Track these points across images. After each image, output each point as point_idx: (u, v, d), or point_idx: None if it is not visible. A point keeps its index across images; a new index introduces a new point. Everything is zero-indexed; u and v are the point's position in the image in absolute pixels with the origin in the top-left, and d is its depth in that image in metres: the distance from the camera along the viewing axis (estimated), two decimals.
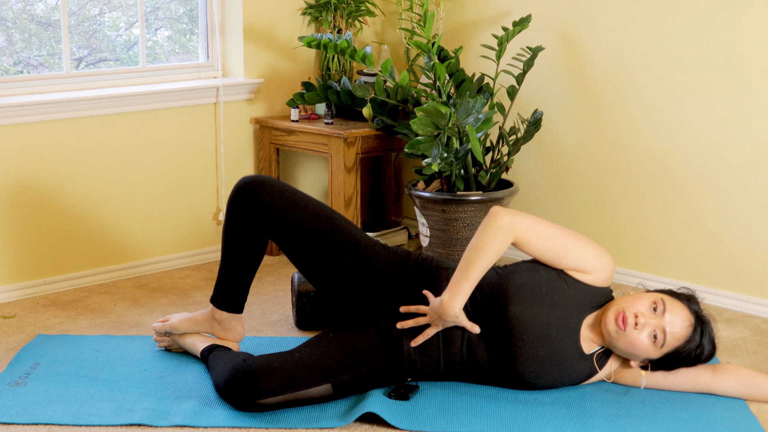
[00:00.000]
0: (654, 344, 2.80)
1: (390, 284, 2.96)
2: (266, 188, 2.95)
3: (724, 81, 3.66)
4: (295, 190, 3.00)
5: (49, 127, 3.82)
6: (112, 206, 4.03)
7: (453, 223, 3.89)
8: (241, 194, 2.97)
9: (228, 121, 4.30)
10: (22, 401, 2.86)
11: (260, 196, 2.94)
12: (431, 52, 3.92)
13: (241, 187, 2.98)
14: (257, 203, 2.94)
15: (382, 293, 2.95)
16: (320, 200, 4.64)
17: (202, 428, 2.72)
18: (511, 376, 2.90)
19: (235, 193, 2.99)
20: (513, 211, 2.84)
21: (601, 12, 3.96)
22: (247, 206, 2.95)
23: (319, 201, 3.02)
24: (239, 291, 3.09)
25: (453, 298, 2.80)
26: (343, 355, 2.84)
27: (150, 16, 4.29)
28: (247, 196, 2.95)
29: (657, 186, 3.89)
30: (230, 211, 3.00)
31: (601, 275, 2.90)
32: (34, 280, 3.86)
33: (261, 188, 2.95)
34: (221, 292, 3.09)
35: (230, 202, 3.00)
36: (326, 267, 2.98)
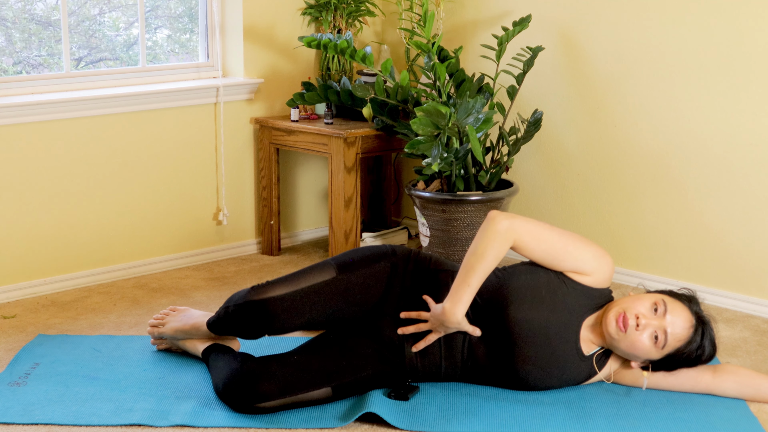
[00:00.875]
0: (655, 345, 2.79)
1: (391, 292, 2.95)
2: (278, 305, 2.85)
3: (724, 81, 3.66)
4: (300, 287, 2.89)
5: (49, 127, 3.82)
6: (112, 206, 4.02)
7: (453, 223, 3.89)
8: (252, 313, 2.85)
9: (228, 121, 4.30)
10: (22, 401, 2.86)
11: (272, 313, 2.84)
12: (431, 52, 3.92)
13: (249, 305, 2.86)
14: (269, 321, 2.85)
15: (383, 301, 2.94)
16: (320, 200, 4.64)
17: (202, 428, 2.72)
18: (511, 377, 2.90)
19: (244, 310, 2.87)
20: (511, 214, 2.84)
21: (601, 12, 3.96)
22: (258, 323, 2.86)
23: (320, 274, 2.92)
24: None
25: (455, 305, 2.80)
26: (343, 359, 2.84)
27: (150, 16, 4.29)
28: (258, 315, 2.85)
29: (657, 186, 3.89)
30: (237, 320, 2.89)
31: (601, 276, 2.90)
32: (34, 280, 3.86)
33: (272, 306, 2.85)
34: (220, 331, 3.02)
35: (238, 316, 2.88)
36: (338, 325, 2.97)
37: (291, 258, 4.36)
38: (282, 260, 4.33)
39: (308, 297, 2.87)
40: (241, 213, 4.41)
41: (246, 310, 2.86)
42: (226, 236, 4.37)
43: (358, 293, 2.91)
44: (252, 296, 2.86)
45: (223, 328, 2.97)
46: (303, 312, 2.86)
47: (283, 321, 2.85)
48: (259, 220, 4.47)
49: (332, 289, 2.90)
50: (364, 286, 2.92)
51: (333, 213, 4.09)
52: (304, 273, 2.92)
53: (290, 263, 4.28)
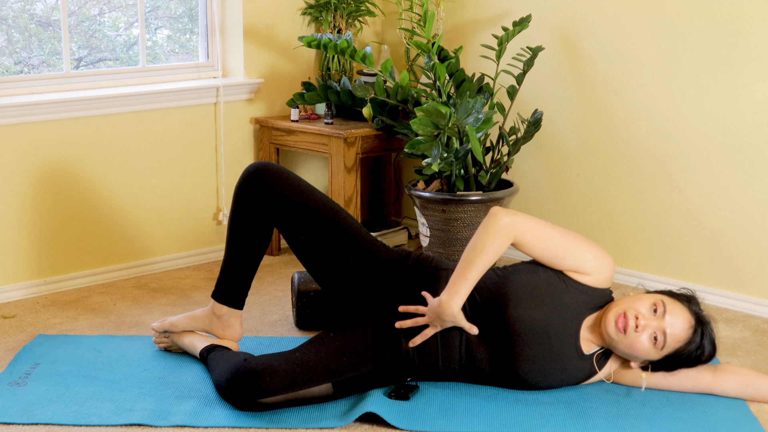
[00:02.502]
0: (654, 346, 2.79)
1: (389, 284, 2.96)
2: (274, 174, 2.99)
3: (724, 80, 3.66)
4: (302, 179, 3.04)
5: (49, 127, 3.82)
6: (112, 206, 4.02)
7: (453, 223, 3.89)
8: (251, 179, 3.00)
9: (228, 121, 4.30)
10: (22, 401, 2.86)
11: (268, 181, 2.98)
12: (431, 52, 3.92)
13: (250, 172, 3.02)
14: (265, 187, 2.98)
15: (381, 292, 2.95)
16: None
17: (202, 428, 2.72)
18: (510, 376, 2.90)
19: (244, 177, 3.02)
20: (512, 211, 2.84)
21: (601, 12, 3.96)
22: (255, 191, 2.99)
23: (324, 194, 3.06)
24: (241, 285, 3.09)
25: (451, 297, 2.80)
26: (343, 355, 2.85)
27: (150, 16, 4.29)
28: (255, 180, 2.99)
29: (657, 186, 3.89)
30: (238, 195, 3.03)
31: (601, 276, 2.90)
32: (34, 280, 3.86)
33: (269, 174, 2.99)
34: (223, 285, 3.11)
35: (239, 187, 3.03)
36: (327, 258, 2.99)
37: (291, 258, 4.36)
38: (282, 260, 4.33)
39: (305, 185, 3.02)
40: None
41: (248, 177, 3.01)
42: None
43: (346, 225, 2.99)
44: (253, 164, 3.04)
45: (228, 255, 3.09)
46: (295, 190, 2.99)
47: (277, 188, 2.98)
48: None
49: (327, 201, 3.01)
50: (354, 229, 3.00)
51: None
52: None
53: (290, 263, 4.28)
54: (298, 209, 2.97)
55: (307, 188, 3.02)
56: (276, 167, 3.02)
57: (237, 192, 3.04)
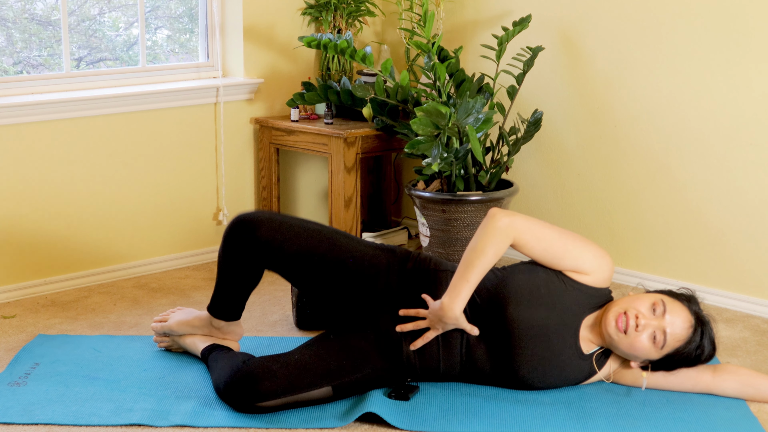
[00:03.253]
0: (654, 345, 2.80)
1: (390, 287, 2.95)
2: (263, 225, 2.89)
3: (724, 80, 3.66)
4: (291, 220, 2.95)
5: (49, 127, 3.82)
6: (112, 206, 4.02)
7: (453, 223, 3.89)
8: (237, 232, 2.90)
9: (228, 121, 4.30)
10: (22, 401, 2.86)
11: (258, 234, 2.88)
12: (431, 52, 3.92)
13: (237, 224, 2.92)
14: (254, 241, 2.88)
15: (381, 296, 2.95)
16: (320, 200, 4.64)
17: (202, 428, 2.72)
18: (510, 377, 2.90)
19: (231, 230, 2.92)
20: (511, 212, 2.84)
21: (601, 12, 3.96)
22: (244, 244, 2.90)
23: (314, 224, 2.98)
24: (236, 304, 3.07)
25: (453, 300, 2.80)
26: (343, 358, 2.84)
27: (149, 16, 4.29)
28: (243, 234, 2.89)
29: (657, 186, 3.89)
30: (226, 246, 2.94)
31: (600, 276, 2.90)
32: (34, 280, 3.86)
33: (258, 226, 2.88)
34: (218, 304, 3.07)
35: (226, 239, 2.94)
36: (327, 289, 2.96)
37: None
38: None
39: (297, 229, 2.91)
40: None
41: (235, 230, 2.90)
42: None
43: (345, 255, 2.92)
44: (240, 216, 2.93)
45: (220, 287, 3.00)
46: (289, 239, 2.88)
47: (270, 241, 2.87)
48: None
49: (322, 237, 2.93)
50: (355, 252, 2.94)
51: (333, 213, 4.09)
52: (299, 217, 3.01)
53: None
54: (291, 256, 2.90)
55: (298, 230, 2.91)
56: (264, 217, 2.91)
57: (225, 243, 2.95)
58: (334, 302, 2.97)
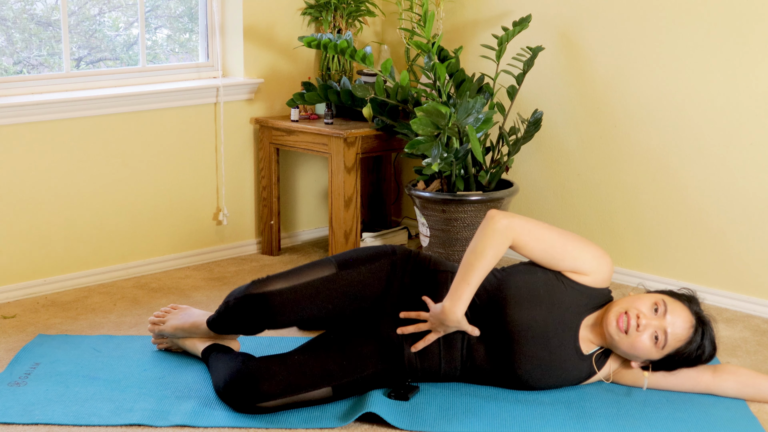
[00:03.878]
0: (655, 345, 2.79)
1: (391, 290, 2.95)
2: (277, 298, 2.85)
3: (724, 80, 3.66)
4: (299, 282, 2.90)
5: (49, 127, 3.82)
6: (112, 206, 4.02)
7: (453, 223, 3.89)
8: (252, 307, 2.86)
9: (228, 121, 4.30)
10: (22, 401, 2.86)
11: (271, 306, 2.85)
12: (431, 52, 3.92)
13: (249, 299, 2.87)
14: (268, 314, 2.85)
15: (382, 300, 2.94)
16: (320, 200, 4.64)
17: (202, 428, 2.72)
18: (510, 377, 2.90)
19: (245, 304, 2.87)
20: (510, 213, 2.84)
21: (601, 12, 3.96)
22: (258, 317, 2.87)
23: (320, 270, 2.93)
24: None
25: (455, 303, 2.80)
26: (343, 359, 2.84)
27: (150, 16, 4.29)
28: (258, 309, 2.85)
29: (657, 186, 3.89)
30: (238, 315, 2.90)
31: (600, 276, 2.90)
32: (34, 280, 3.86)
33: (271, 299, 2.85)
34: (220, 329, 3.03)
35: (239, 310, 2.89)
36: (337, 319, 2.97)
37: (291, 258, 4.36)
38: (282, 260, 4.33)
39: (308, 292, 2.87)
40: (241, 213, 4.41)
41: (246, 303, 2.87)
42: (226, 236, 4.37)
43: (357, 290, 2.91)
44: (252, 290, 2.87)
45: (223, 325, 2.98)
46: (302, 306, 2.87)
47: (283, 315, 2.86)
48: (259, 220, 4.47)
49: (332, 285, 2.90)
50: (363, 284, 2.92)
51: (333, 213, 4.09)
52: (305, 269, 2.93)
53: (290, 263, 4.28)
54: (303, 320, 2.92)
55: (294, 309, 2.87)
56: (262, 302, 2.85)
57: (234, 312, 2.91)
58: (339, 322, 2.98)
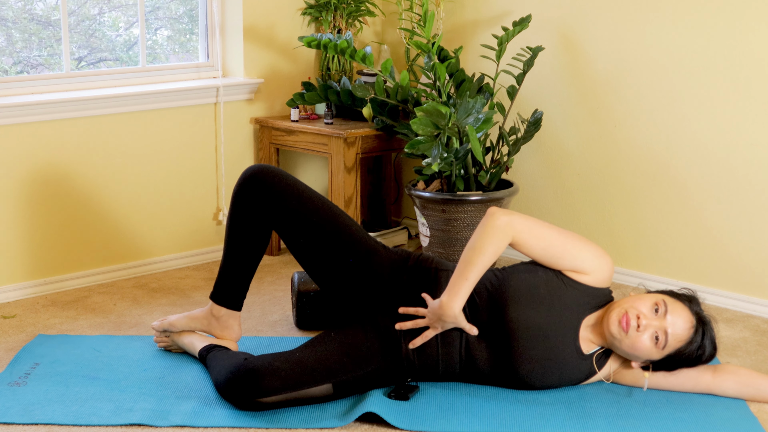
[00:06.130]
0: (656, 346, 2.79)
1: (389, 285, 2.96)
2: (273, 177, 2.99)
3: (724, 81, 3.66)
4: (301, 182, 3.04)
5: (49, 127, 3.82)
6: (112, 206, 4.03)
7: (453, 223, 3.89)
8: (249, 181, 3.00)
9: (228, 121, 4.30)
10: (22, 401, 2.86)
11: (267, 183, 2.98)
12: (431, 52, 3.92)
13: (249, 175, 3.02)
14: (264, 190, 2.98)
15: (381, 293, 2.95)
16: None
17: (202, 428, 2.72)
18: (510, 376, 2.90)
19: (243, 180, 3.02)
20: (510, 211, 2.84)
21: (601, 12, 3.96)
22: (254, 193, 2.99)
23: (324, 197, 3.06)
24: (239, 287, 3.09)
25: (452, 298, 2.80)
26: (344, 356, 2.84)
27: (150, 16, 4.29)
28: (254, 182, 2.99)
29: (657, 186, 3.89)
30: (237, 198, 3.03)
31: (600, 276, 2.90)
32: (34, 280, 3.86)
33: (268, 177, 2.99)
34: (221, 287, 3.11)
35: (237, 189, 3.03)
36: (327, 261, 2.99)
37: (291, 258, 4.36)
38: (282, 260, 4.33)
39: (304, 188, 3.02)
40: None
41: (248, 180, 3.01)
42: None
43: (345, 227, 2.99)
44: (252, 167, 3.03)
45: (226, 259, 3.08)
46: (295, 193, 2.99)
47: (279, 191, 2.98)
48: None
49: (326, 204, 3.01)
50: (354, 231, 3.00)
51: None
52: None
53: (290, 263, 4.28)
54: (296, 211, 2.97)
55: (306, 191, 3.02)
56: (274, 170, 3.02)
57: (235, 193, 3.04)
58: (333, 283, 2.98)
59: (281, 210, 2.97)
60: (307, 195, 3.01)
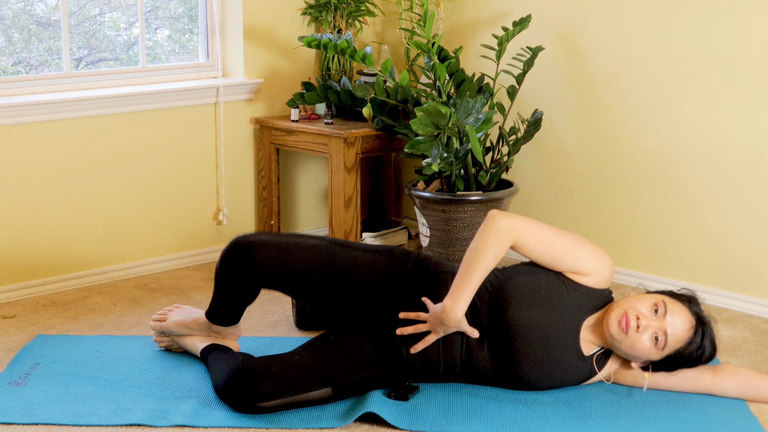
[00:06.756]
0: (656, 346, 2.79)
1: (389, 290, 2.95)
2: (260, 249, 2.86)
3: (724, 81, 3.66)
4: (288, 239, 2.91)
5: (49, 127, 3.82)
6: (113, 206, 4.03)
7: (453, 223, 3.89)
8: (234, 255, 2.88)
9: (228, 121, 4.30)
10: (22, 401, 2.86)
11: (255, 258, 2.86)
12: (431, 52, 3.92)
13: (234, 247, 2.89)
14: (251, 265, 2.86)
15: (381, 299, 2.94)
16: (320, 200, 4.64)
17: (202, 428, 2.72)
18: (510, 378, 2.89)
19: (228, 253, 2.90)
20: (511, 214, 2.84)
21: (601, 12, 3.96)
22: (241, 268, 2.88)
23: (311, 238, 2.95)
24: (234, 313, 3.06)
25: (455, 302, 2.79)
26: (343, 359, 2.84)
27: (150, 16, 4.29)
28: (240, 258, 2.87)
29: (657, 186, 3.89)
30: (223, 268, 2.92)
31: (600, 277, 2.90)
32: (34, 280, 3.86)
33: (255, 250, 2.86)
34: (216, 312, 3.06)
35: (223, 261, 2.91)
36: (327, 300, 2.95)
37: None
38: None
39: (295, 250, 2.87)
40: (241, 213, 4.41)
41: (232, 254, 2.87)
42: (226, 236, 4.37)
43: (343, 268, 2.91)
44: (238, 239, 2.89)
45: (218, 302, 2.99)
46: (288, 261, 2.86)
47: (267, 267, 2.85)
48: (259, 220, 4.47)
49: (320, 255, 2.90)
50: (351, 267, 2.92)
51: (333, 213, 4.09)
52: (297, 234, 2.97)
53: None
54: (291, 277, 2.89)
55: (295, 251, 2.88)
56: (262, 241, 2.87)
57: (222, 265, 2.92)
58: (334, 309, 2.97)
59: (273, 281, 2.90)
60: (296, 258, 2.88)
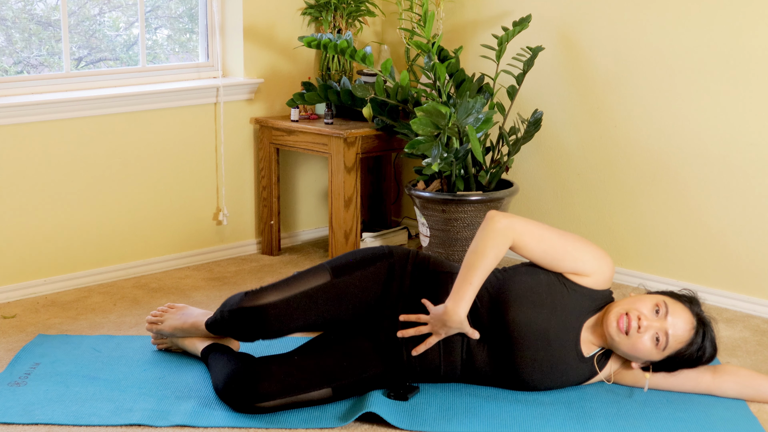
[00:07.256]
0: (656, 347, 2.79)
1: (390, 293, 2.94)
2: (271, 314, 2.82)
3: (724, 81, 3.66)
4: (295, 292, 2.87)
5: (49, 127, 3.82)
6: (113, 206, 4.02)
7: (453, 223, 3.89)
8: (245, 322, 2.84)
9: (228, 121, 4.30)
10: (22, 401, 2.86)
11: (267, 326, 2.83)
12: (431, 52, 3.92)
13: (242, 313, 2.84)
14: (264, 332, 2.84)
15: (382, 303, 2.94)
16: (320, 200, 4.64)
17: (202, 428, 2.72)
18: (511, 379, 2.89)
19: (237, 319, 2.85)
20: (510, 214, 2.84)
21: (601, 12, 3.96)
22: (253, 332, 2.85)
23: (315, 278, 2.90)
24: None
25: (457, 304, 2.79)
26: (343, 360, 2.84)
27: (150, 16, 4.29)
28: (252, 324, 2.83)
29: (657, 186, 3.89)
30: (231, 331, 2.89)
31: (601, 277, 2.89)
32: (34, 280, 3.86)
33: (266, 316, 2.82)
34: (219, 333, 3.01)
35: (231, 325, 2.87)
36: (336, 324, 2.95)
37: (291, 258, 4.36)
38: (282, 260, 4.33)
39: (303, 302, 2.85)
40: (241, 213, 4.41)
41: (239, 316, 2.85)
42: (226, 236, 4.38)
43: (354, 296, 2.90)
44: (245, 303, 2.84)
45: (220, 331, 2.97)
46: (297, 317, 2.84)
47: (277, 326, 2.84)
48: (259, 220, 4.47)
49: (327, 294, 2.88)
50: (360, 289, 2.91)
51: (333, 213, 4.09)
52: (299, 277, 2.90)
53: (290, 263, 4.28)
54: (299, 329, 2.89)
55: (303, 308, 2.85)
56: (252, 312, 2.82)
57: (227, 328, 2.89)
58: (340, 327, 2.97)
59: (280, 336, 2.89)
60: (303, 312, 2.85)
